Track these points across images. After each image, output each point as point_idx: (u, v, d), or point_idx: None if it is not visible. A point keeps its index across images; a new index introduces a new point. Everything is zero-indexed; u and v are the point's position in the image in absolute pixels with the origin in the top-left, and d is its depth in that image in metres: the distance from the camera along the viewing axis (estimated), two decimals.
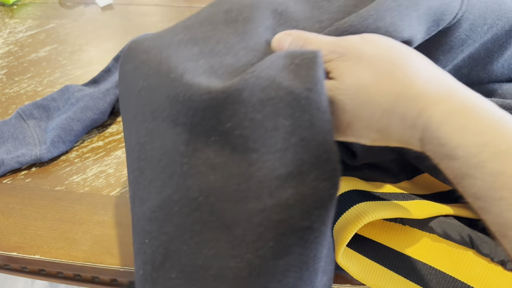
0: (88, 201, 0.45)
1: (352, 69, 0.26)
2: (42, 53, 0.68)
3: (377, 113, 0.25)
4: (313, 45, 0.28)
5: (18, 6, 0.82)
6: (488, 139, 0.21)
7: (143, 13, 0.78)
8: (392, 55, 0.26)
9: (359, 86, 0.25)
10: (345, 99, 0.25)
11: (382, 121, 0.25)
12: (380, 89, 0.24)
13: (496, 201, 0.20)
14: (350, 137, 0.27)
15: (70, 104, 0.53)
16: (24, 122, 0.51)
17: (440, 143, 0.22)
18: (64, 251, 0.40)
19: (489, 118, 0.22)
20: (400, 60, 0.25)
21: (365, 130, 0.26)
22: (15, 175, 0.48)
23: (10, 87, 0.61)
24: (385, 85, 0.24)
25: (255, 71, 0.26)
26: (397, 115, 0.24)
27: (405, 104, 0.24)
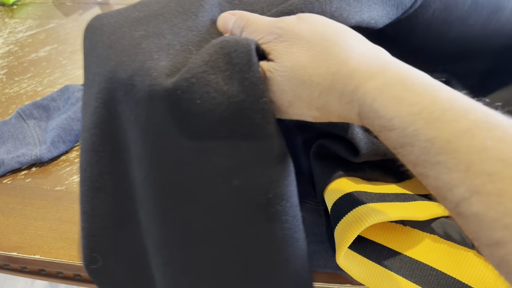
0: None
1: (289, 50, 0.26)
2: (42, 53, 0.68)
3: (316, 92, 0.25)
4: (253, 26, 0.28)
5: (18, 6, 0.82)
6: (422, 107, 0.21)
7: None
8: (327, 34, 0.26)
9: (296, 67, 0.26)
10: (284, 80, 0.26)
11: (321, 99, 0.26)
12: (316, 69, 0.25)
13: (433, 166, 0.21)
14: (293, 115, 0.28)
15: (70, 104, 0.52)
16: (24, 122, 0.51)
17: (376, 116, 0.23)
18: (64, 251, 0.40)
19: (421, 87, 0.22)
20: (335, 38, 0.26)
21: (306, 108, 0.27)
22: (15, 175, 0.48)
23: (10, 87, 0.61)
24: (321, 64, 0.25)
25: (192, 70, 0.27)
26: (334, 93, 0.25)
27: (341, 82, 0.25)
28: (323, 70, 0.25)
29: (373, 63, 0.24)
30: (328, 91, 0.25)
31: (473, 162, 0.19)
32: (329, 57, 0.25)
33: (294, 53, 0.26)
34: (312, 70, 0.25)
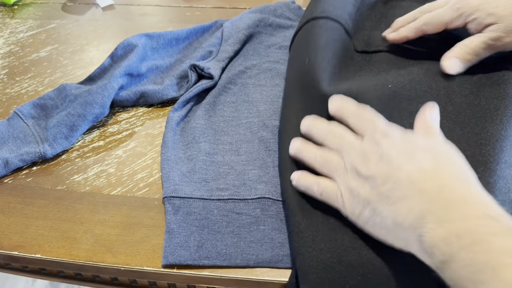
0: (89, 200, 0.45)
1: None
2: (43, 53, 0.68)
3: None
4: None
5: (19, 6, 0.82)
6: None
7: (143, 13, 0.78)
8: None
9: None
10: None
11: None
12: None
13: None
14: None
15: (68, 101, 0.53)
16: (23, 121, 0.51)
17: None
18: (65, 250, 0.40)
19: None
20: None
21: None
22: (16, 175, 0.48)
23: (11, 87, 0.61)
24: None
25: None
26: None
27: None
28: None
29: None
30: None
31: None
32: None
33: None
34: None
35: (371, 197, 0.33)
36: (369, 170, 0.33)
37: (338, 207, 0.36)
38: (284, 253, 0.39)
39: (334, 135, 0.38)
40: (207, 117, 0.52)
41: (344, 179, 0.35)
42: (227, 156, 0.47)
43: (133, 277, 0.41)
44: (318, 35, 0.48)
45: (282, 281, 0.38)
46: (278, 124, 0.50)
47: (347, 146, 0.36)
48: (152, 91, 0.55)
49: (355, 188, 0.34)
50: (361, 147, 0.35)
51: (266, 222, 0.41)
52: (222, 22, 0.67)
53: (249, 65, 0.59)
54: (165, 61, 0.61)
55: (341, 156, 0.37)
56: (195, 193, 0.43)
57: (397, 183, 0.32)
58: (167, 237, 0.40)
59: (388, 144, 0.34)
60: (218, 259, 0.39)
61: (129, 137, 0.52)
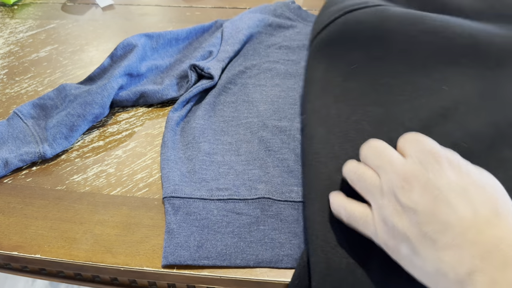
0: (88, 200, 0.45)
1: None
2: (42, 53, 0.68)
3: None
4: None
5: (18, 6, 0.82)
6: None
7: (143, 13, 0.78)
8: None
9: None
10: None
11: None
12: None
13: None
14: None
15: (68, 101, 0.53)
16: (22, 121, 0.51)
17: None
18: (64, 251, 0.40)
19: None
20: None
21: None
22: (15, 175, 0.48)
23: (11, 87, 0.61)
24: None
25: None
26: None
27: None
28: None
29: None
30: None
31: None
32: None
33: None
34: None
35: (410, 234, 0.28)
36: (410, 200, 0.28)
37: (369, 235, 0.31)
38: (284, 253, 0.39)
39: (372, 148, 0.33)
40: (207, 117, 0.52)
41: (379, 203, 0.31)
42: (227, 156, 0.47)
43: (133, 277, 0.41)
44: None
45: (282, 281, 0.38)
46: (278, 124, 0.50)
47: (386, 163, 0.31)
48: (152, 91, 0.55)
49: (391, 217, 0.29)
50: (404, 168, 0.30)
51: (266, 222, 0.41)
52: (222, 22, 0.67)
53: (249, 65, 0.59)
54: (165, 61, 0.61)
55: (377, 174, 0.32)
56: (195, 193, 0.43)
57: (445, 226, 0.27)
58: (167, 237, 0.40)
59: (436, 170, 0.29)
60: (218, 259, 0.38)
61: (128, 137, 0.52)
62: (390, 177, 0.30)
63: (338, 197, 0.35)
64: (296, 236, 0.40)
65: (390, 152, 0.32)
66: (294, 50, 0.62)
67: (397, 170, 0.30)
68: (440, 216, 0.27)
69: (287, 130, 0.49)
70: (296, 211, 0.42)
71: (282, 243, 0.39)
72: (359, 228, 0.32)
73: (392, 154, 0.32)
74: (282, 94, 0.55)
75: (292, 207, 0.42)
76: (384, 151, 0.32)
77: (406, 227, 0.28)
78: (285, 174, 0.45)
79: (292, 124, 0.50)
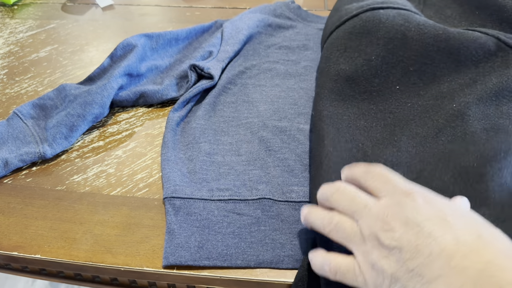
0: (88, 200, 0.45)
1: None
2: (42, 53, 0.68)
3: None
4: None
5: (18, 6, 0.82)
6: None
7: (143, 14, 0.78)
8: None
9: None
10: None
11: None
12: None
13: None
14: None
15: (68, 101, 0.53)
16: (22, 122, 0.51)
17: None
18: (64, 251, 0.40)
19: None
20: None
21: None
22: (15, 175, 0.48)
23: (10, 87, 0.61)
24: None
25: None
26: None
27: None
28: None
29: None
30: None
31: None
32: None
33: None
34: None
35: (398, 274, 0.27)
36: (394, 240, 0.28)
37: (359, 286, 0.30)
38: (285, 254, 0.39)
39: (343, 193, 0.33)
40: (207, 117, 0.52)
41: (362, 250, 0.30)
42: (228, 156, 0.47)
43: (133, 277, 0.41)
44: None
45: (282, 281, 0.38)
46: (279, 124, 0.50)
47: (362, 208, 0.31)
48: (152, 91, 0.55)
49: (377, 261, 0.29)
50: (380, 210, 0.30)
51: (267, 223, 0.41)
52: (222, 22, 0.67)
53: (249, 65, 0.59)
54: (165, 61, 0.61)
55: (354, 220, 0.31)
56: (196, 194, 0.43)
57: (429, 258, 0.26)
58: (168, 238, 0.40)
59: (413, 208, 0.29)
60: (218, 260, 0.38)
61: (129, 137, 0.52)
62: (368, 222, 0.30)
63: (319, 254, 0.33)
64: (297, 237, 0.40)
65: (362, 195, 0.32)
66: (294, 50, 0.62)
67: (374, 213, 0.30)
68: (424, 250, 0.27)
69: (287, 130, 0.49)
70: (297, 211, 0.42)
71: (283, 243, 0.39)
72: (347, 281, 0.31)
73: (365, 197, 0.32)
74: (282, 94, 0.55)
75: (292, 208, 0.42)
76: (355, 195, 0.32)
77: (394, 268, 0.28)
78: (286, 174, 0.45)
79: (292, 124, 0.50)
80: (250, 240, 0.40)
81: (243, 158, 0.47)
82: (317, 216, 0.34)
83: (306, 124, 0.50)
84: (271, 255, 0.39)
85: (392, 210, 0.29)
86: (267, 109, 0.53)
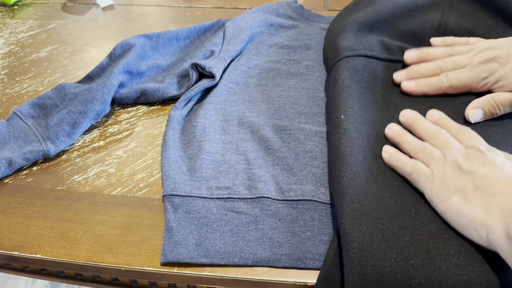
0: (89, 200, 0.45)
1: None
2: (43, 53, 0.68)
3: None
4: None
5: (19, 6, 0.82)
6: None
7: (143, 14, 0.78)
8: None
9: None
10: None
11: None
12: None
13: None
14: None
15: (68, 100, 0.53)
16: (23, 121, 0.51)
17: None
18: (65, 251, 0.40)
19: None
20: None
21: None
22: (16, 175, 0.48)
23: (11, 87, 0.61)
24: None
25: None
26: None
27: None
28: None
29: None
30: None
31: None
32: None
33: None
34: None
35: (465, 187, 0.34)
36: (471, 166, 0.35)
37: (424, 189, 0.37)
38: (282, 253, 0.39)
39: (441, 135, 0.40)
40: (208, 116, 0.52)
41: (441, 168, 0.37)
42: (227, 155, 0.47)
43: (134, 277, 0.41)
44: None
45: (282, 281, 0.38)
46: (279, 123, 0.50)
47: (452, 146, 0.38)
48: (153, 89, 0.55)
49: (450, 177, 0.35)
50: (466, 150, 0.37)
51: (265, 222, 0.41)
52: (224, 22, 0.67)
53: (251, 65, 0.59)
54: (166, 60, 0.61)
55: (442, 152, 0.38)
56: (195, 192, 0.43)
57: (497, 181, 0.33)
58: (166, 235, 0.40)
59: (493, 155, 0.35)
60: (216, 258, 0.38)
61: (129, 137, 0.52)
62: (454, 153, 0.37)
63: (403, 155, 0.41)
64: (295, 236, 0.40)
65: (453, 139, 0.39)
66: (296, 50, 0.62)
67: (461, 151, 0.37)
68: (494, 176, 0.33)
69: (287, 129, 0.49)
70: (295, 210, 0.42)
71: (281, 242, 0.39)
72: (417, 181, 0.38)
73: (455, 141, 0.39)
74: (283, 93, 0.55)
75: (291, 207, 0.42)
76: (450, 138, 0.39)
77: (463, 183, 0.34)
78: (285, 173, 0.45)
79: (292, 123, 0.50)
80: (248, 238, 0.40)
81: (242, 157, 0.47)
82: (410, 140, 0.42)
83: (307, 123, 0.50)
84: (269, 254, 0.39)
85: (476, 154, 0.36)
86: (268, 108, 0.53)
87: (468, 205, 0.33)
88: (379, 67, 0.52)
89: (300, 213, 0.41)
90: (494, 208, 0.32)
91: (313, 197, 0.42)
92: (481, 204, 0.32)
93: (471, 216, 0.33)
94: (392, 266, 0.33)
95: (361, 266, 0.33)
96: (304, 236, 0.40)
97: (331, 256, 0.37)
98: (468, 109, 0.45)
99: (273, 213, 0.41)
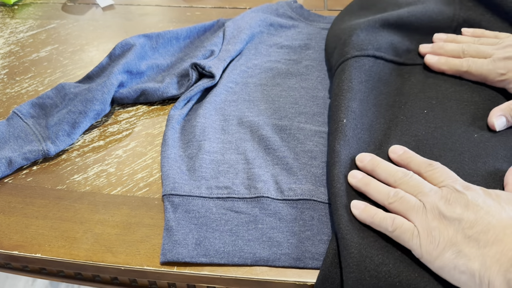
0: (89, 200, 0.45)
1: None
2: (43, 53, 0.68)
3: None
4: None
5: (19, 6, 0.82)
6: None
7: (143, 13, 0.78)
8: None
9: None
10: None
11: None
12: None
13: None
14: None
15: (68, 99, 0.53)
16: (23, 121, 0.51)
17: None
18: (65, 250, 0.40)
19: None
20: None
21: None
22: (16, 174, 0.48)
23: (11, 87, 0.61)
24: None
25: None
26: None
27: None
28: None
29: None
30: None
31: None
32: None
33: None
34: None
35: (456, 239, 0.31)
36: (455, 213, 0.32)
37: (412, 247, 0.34)
38: (282, 252, 0.39)
39: (411, 179, 0.37)
40: (208, 116, 0.52)
41: (422, 218, 0.34)
42: (227, 154, 0.47)
43: (133, 276, 0.41)
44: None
45: (282, 280, 0.38)
46: (279, 123, 0.50)
47: (426, 189, 0.36)
48: (153, 89, 0.55)
49: (436, 228, 0.32)
50: (443, 194, 0.34)
51: (264, 221, 0.41)
52: (224, 21, 0.67)
53: (251, 65, 0.59)
54: (166, 60, 0.61)
55: (418, 198, 0.36)
56: (194, 191, 0.43)
57: (487, 227, 0.31)
58: (166, 235, 0.40)
59: (473, 194, 0.33)
60: (216, 257, 0.38)
61: (129, 137, 0.52)
62: (431, 199, 0.34)
63: (378, 209, 0.37)
64: (294, 235, 0.40)
65: (427, 183, 0.37)
66: (295, 50, 0.62)
67: (437, 194, 0.35)
68: (482, 221, 0.31)
69: (287, 129, 0.49)
70: (294, 209, 0.42)
71: (280, 242, 0.39)
72: (402, 239, 0.34)
73: (430, 184, 0.36)
74: (283, 93, 0.55)
75: (290, 206, 0.42)
76: (422, 181, 0.37)
77: (452, 235, 0.32)
78: (284, 172, 0.45)
79: (292, 123, 0.50)
80: (247, 238, 0.40)
81: (242, 156, 0.47)
82: (380, 188, 0.38)
83: (306, 123, 0.50)
84: (268, 253, 0.39)
85: (455, 196, 0.34)
86: (267, 108, 0.53)
87: (463, 260, 0.31)
88: (386, 68, 0.52)
89: (300, 213, 0.41)
90: (491, 261, 0.30)
91: (312, 197, 0.42)
92: (477, 257, 0.30)
93: (470, 272, 0.30)
94: (390, 271, 0.33)
95: (359, 271, 0.34)
96: (304, 235, 0.40)
97: (331, 256, 0.37)
98: (491, 117, 0.44)
99: (273, 213, 0.42)
